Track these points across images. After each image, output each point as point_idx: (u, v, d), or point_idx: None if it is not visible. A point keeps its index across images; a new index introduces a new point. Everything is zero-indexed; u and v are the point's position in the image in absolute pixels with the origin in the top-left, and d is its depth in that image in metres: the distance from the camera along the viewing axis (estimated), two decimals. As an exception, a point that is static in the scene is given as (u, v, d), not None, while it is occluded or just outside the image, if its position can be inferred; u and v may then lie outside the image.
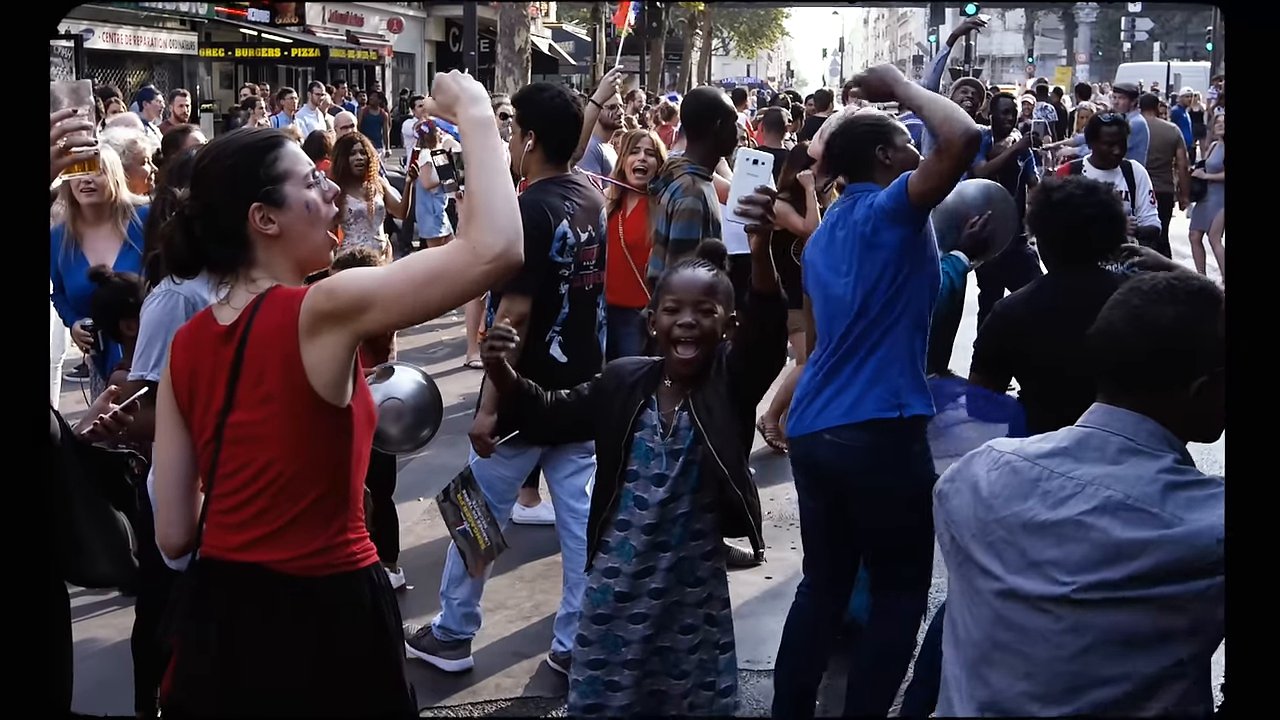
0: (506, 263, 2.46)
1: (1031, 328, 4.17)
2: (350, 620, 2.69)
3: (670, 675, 3.50)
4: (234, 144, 2.70)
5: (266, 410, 2.56)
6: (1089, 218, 4.21)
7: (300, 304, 2.54)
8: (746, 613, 5.66)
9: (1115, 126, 7.92)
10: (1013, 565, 2.26)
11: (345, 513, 2.69)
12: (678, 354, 3.37)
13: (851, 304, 3.98)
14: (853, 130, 4.25)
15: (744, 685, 4.96)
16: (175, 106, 13.81)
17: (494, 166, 2.51)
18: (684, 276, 3.42)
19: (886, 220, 3.90)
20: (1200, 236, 13.89)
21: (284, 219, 2.65)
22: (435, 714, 4.77)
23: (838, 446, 3.99)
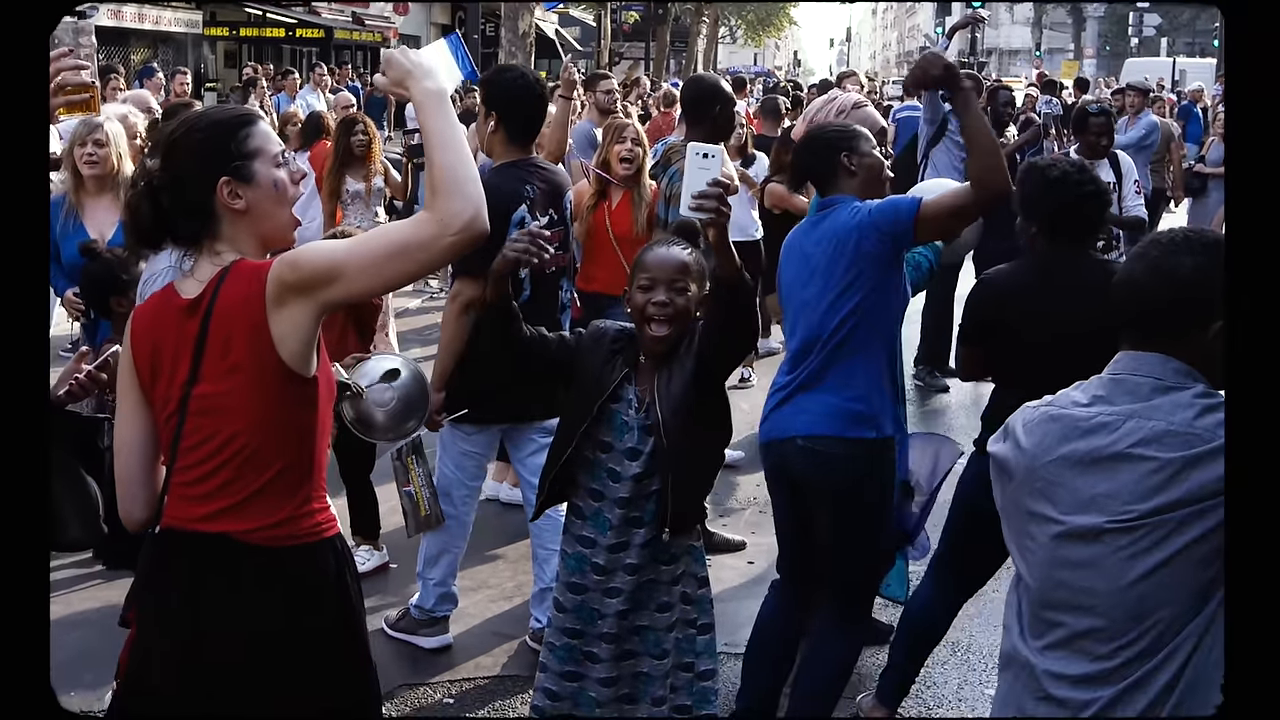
0: (472, 233, 2.51)
1: (1019, 300, 4.16)
2: (315, 590, 2.72)
3: (650, 655, 3.51)
4: (206, 118, 2.73)
5: (233, 381, 2.58)
6: (1083, 196, 4.23)
7: (266, 275, 2.57)
8: (728, 597, 5.69)
9: (1103, 117, 7.91)
10: (1065, 505, 2.41)
11: (309, 483, 2.72)
12: (651, 331, 3.39)
13: (826, 317, 3.96)
14: (815, 142, 4.20)
15: (722, 669, 4.97)
16: (175, 84, 13.83)
17: (454, 139, 2.55)
18: (658, 255, 3.44)
19: (878, 235, 3.86)
20: (1198, 233, 13.88)
21: (251, 195, 2.67)
22: (414, 691, 4.81)
23: (809, 453, 3.99)
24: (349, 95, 13.66)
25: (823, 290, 3.96)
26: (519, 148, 4.93)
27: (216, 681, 2.64)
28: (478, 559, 6.03)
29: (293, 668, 2.69)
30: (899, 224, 3.83)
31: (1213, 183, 13.64)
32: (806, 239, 4.08)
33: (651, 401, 3.41)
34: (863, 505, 4.01)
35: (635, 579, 3.49)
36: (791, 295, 4.13)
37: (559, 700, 3.53)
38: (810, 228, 4.09)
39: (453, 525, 5.09)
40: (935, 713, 4.66)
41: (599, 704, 3.50)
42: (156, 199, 2.67)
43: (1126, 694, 2.36)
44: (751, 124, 10.75)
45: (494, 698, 4.76)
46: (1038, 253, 4.24)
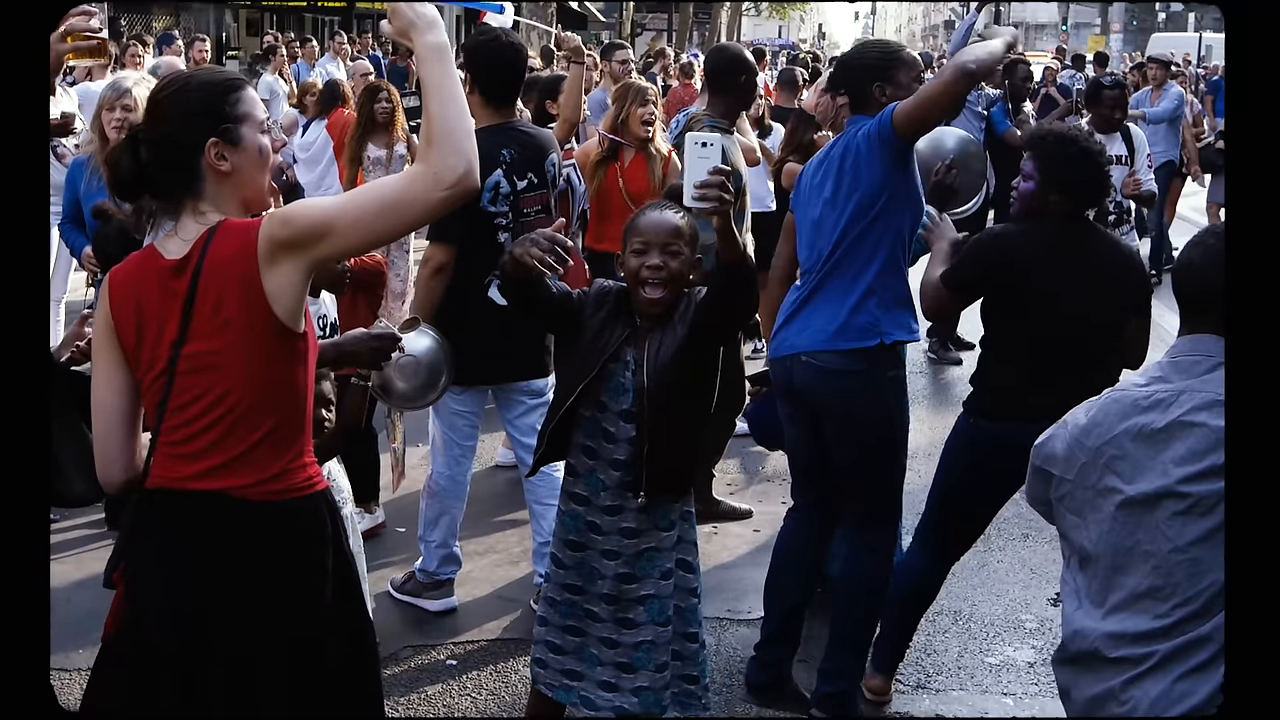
0: (464, 188, 2.55)
1: (1031, 258, 4.11)
2: (314, 541, 2.77)
3: (655, 623, 3.51)
4: (198, 78, 2.76)
5: (226, 339, 2.61)
6: (1106, 170, 4.30)
7: (256, 233, 2.60)
8: (732, 564, 5.74)
9: (1116, 90, 7.84)
10: (1128, 475, 2.63)
11: (300, 439, 2.76)
12: (645, 294, 3.41)
13: (832, 228, 4.06)
14: (854, 64, 4.33)
15: (724, 634, 5.04)
16: (195, 52, 13.82)
17: (452, 92, 2.58)
18: (652, 219, 3.46)
19: (870, 143, 3.99)
20: (1218, 210, 13.80)
21: (237, 158, 2.71)
22: (418, 652, 4.86)
23: (814, 369, 4.06)
24: (367, 64, 13.66)
25: (828, 205, 4.08)
26: (497, 111, 4.97)
27: (219, 635, 2.67)
28: (485, 524, 6.09)
29: (294, 619, 2.73)
30: (883, 125, 3.97)
31: (1232, 158, 13.57)
32: (825, 158, 4.20)
33: (640, 366, 3.43)
34: (871, 417, 4.06)
35: (635, 543, 3.51)
36: (803, 216, 4.24)
37: (563, 654, 3.55)
38: (829, 149, 4.22)
39: (449, 486, 5.14)
40: (934, 680, 4.68)
41: (600, 662, 3.52)
42: (137, 152, 2.70)
43: (1181, 651, 2.55)
44: (769, 95, 10.75)
45: (497, 660, 4.81)
46: (1057, 222, 4.19)
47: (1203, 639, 2.54)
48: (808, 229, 4.20)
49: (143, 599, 2.72)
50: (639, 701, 3.49)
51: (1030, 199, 4.22)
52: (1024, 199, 4.25)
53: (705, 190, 3.14)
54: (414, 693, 4.56)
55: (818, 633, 4.54)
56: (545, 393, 5.13)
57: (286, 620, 2.74)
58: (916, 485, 4.34)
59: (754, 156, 7.13)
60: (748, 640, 4.98)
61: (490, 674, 4.70)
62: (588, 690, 3.53)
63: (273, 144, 2.84)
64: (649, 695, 3.49)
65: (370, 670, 2.98)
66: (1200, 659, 2.54)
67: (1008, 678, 4.71)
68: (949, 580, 5.50)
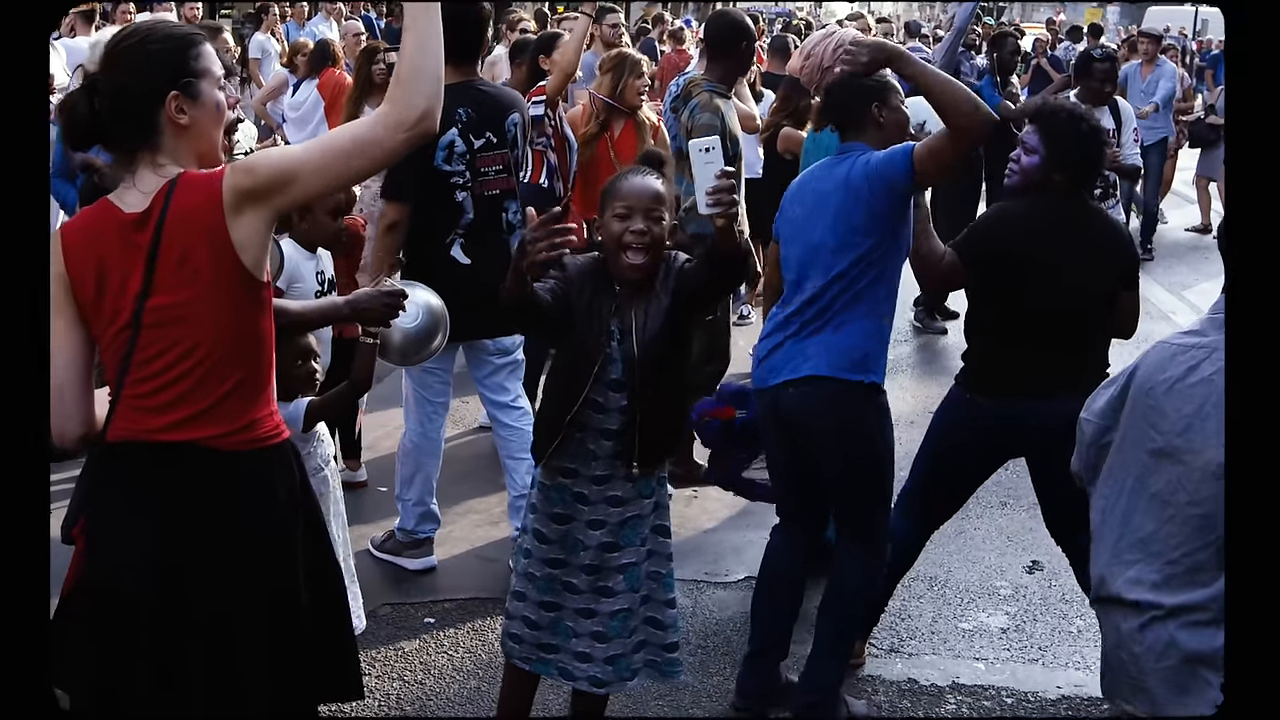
0: (424, 129, 2.62)
1: (1037, 235, 4.10)
2: (286, 487, 2.81)
3: (633, 590, 3.54)
4: (159, 31, 2.75)
5: (193, 290, 2.62)
6: (1104, 149, 4.31)
7: (220, 184, 2.61)
8: (711, 528, 5.79)
9: (1107, 63, 7.82)
10: (1159, 425, 2.80)
11: (267, 389, 2.79)
12: (628, 259, 3.39)
13: (832, 262, 3.97)
14: (850, 88, 4.16)
15: (701, 596, 5.09)
16: (186, 10, 13.76)
17: (430, 33, 2.63)
18: (634, 184, 3.44)
19: (880, 185, 3.89)
20: (1207, 184, 13.83)
21: (195, 113, 2.71)
22: (397, 610, 4.90)
23: (803, 398, 4.01)
24: (359, 24, 13.60)
25: (832, 235, 3.97)
26: (457, 69, 4.94)
27: (200, 586, 2.70)
28: (465, 484, 6.12)
29: (273, 566, 2.78)
30: (900, 170, 3.87)
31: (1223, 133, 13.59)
32: (822, 181, 4.08)
33: (628, 332, 3.42)
34: (857, 446, 4.04)
35: (621, 511, 3.52)
36: (796, 234, 4.13)
37: (538, 629, 3.56)
38: (826, 170, 4.10)
39: (423, 443, 5.18)
40: (907, 645, 4.72)
41: (574, 634, 3.53)
42: (93, 102, 2.70)
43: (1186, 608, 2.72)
44: (760, 62, 10.72)
45: (475, 618, 4.85)
46: (1058, 198, 4.18)
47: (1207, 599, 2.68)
48: (800, 254, 4.09)
49: (113, 553, 2.72)
50: (613, 670, 3.52)
51: (1033, 173, 4.18)
52: (1026, 173, 4.20)
53: (718, 195, 3.16)
54: (391, 649, 4.59)
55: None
56: (513, 350, 5.17)
57: (266, 568, 2.78)
58: (899, 452, 4.35)
59: (752, 124, 7.13)
60: (725, 602, 5.04)
61: (467, 632, 4.74)
62: (564, 661, 3.55)
63: (229, 99, 2.85)
64: (622, 663, 3.53)
65: (341, 614, 3.05)
66: (1203, 617, 2.68)
67: (980, 643, 4.75)
68: (926, 546, 5.55)
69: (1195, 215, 14.12)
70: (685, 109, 5.86)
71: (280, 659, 2.79)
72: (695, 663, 4.52)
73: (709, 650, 4.64)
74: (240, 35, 15.85)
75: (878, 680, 4.44)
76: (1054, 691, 4.43)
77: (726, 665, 4.51)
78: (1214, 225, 13.79)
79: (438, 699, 4.29)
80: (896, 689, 4.41)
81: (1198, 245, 13.36)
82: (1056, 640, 4.78)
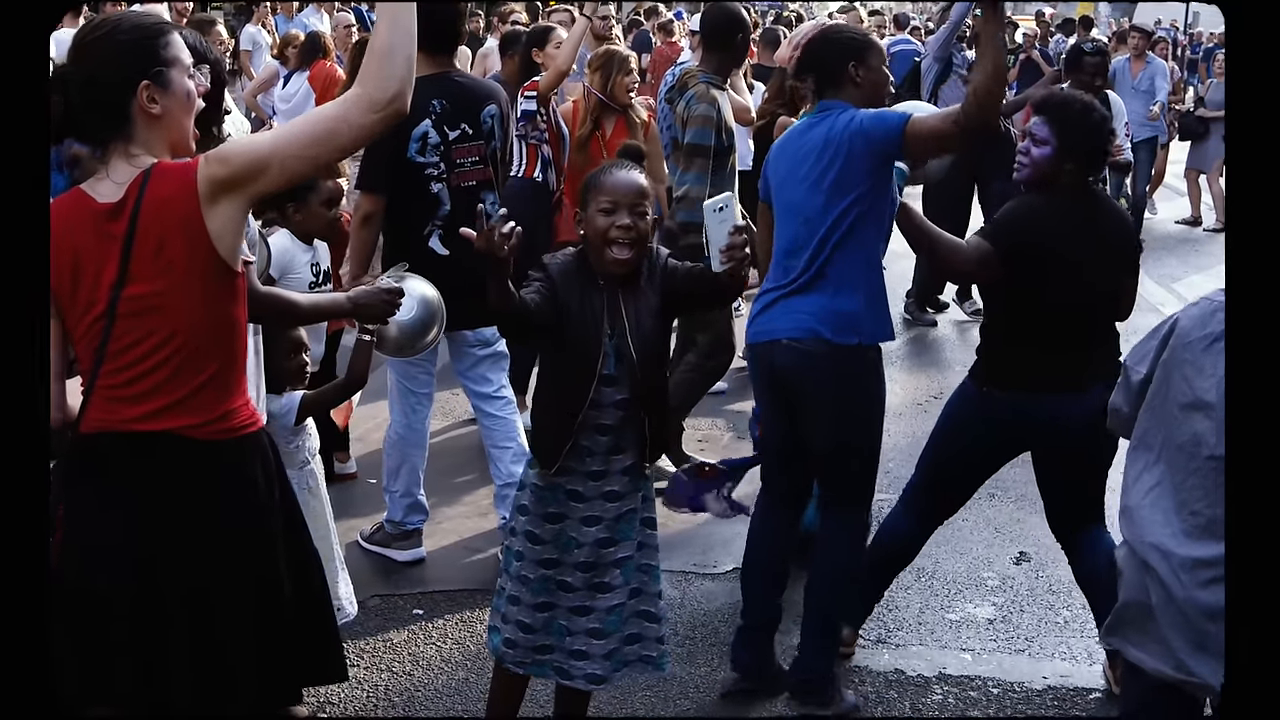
0: (396, 110, 2.64)
1: (1060, 230, 4.10)
2: (263, 475, 2.83)
3: (628, 585, 3.53)
4: (128, 21, 2.76)
5: (170, 280, 2.63)
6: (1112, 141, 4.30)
7: (195, 174, 2.62)
8: (699, 520, 5.76)
9: (1098, 57, 7.82)
10: (1195, 381, 2.83)
11: (242, 379, 2.81)
12: (613, 254, 3.37)
13: (821, 220, 3.99)
14: (829, 44, 4.21)
15: (689, 587, 5.10)
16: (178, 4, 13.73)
17: (403, 17, 2.66)
18: (619, 179, 3.42)
19: (867, 144, 3.91)
20: (1197, 176, 13.86)
21: (167, 102, 2.73)
22: (385, 601, 4.91)
23: (796, 353, 4.03)
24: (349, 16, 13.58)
25: (815, 193, 3.99)
26: (432, 60, 4.99)
27: (178, 577, 2.71)
28: (454, 477, 6.14)
29: (254, 555, 2.79)
30: (889, 137, 3.88)
31: (1213, 125, 13.61)
32: (801, 141, 4.09)
33: (621, 330, 3.40)
34: (850, 406, 4.06)
35: (617, 506, 3.50)
36: (781, 195, 4.16)
37: (533, 632, 3.51)
38: (805, 130, 4.11)
39: (408, 434, 5.19)
40: (894, 636, 4.74)
41: (569, 633, 3.51)
42: (65, 94, 2.70)
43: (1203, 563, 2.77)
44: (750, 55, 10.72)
45: (463, 609, 4.86)
46: (1072, 192, 4.17)
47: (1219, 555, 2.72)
48: (790, 219, 4.12)
49: (87, 546, 2.72)
50: (610, 664, 3.51)
51: (1044, 164, 4.16)
52: (1038, 164, 4.17)
53: (732, 253, 3.23)
54: (379, 641, 4.60)
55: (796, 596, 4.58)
56: (494, 342, 5.17)
57: (247, 556, 2.79)
58: (887, 445, 4.37)
59: (747, 116, 7.14)
60: (713, 594, 5.05)
61: (456, 623, 4.75)
62: (559, 661, 3.52)
63: (199, 88, 2.86)
64: (616, 657, 3.52)
65: (322, 597, 3.08)
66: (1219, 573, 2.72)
67: (967, 633, 4.77)
68: (914, 537, 5.60)
69: (1185, 208, 14.16)
70: (681, 100, 5.88)
71: (266, 645, 2.81)
72: (683, 653, 4.53)
73: (696, 641, 4.65)
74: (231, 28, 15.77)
75: (864, 671, 4.46)
76: (1040, 682, 4.44)
77: (714, 656, 4.52)
78: (1204, 218, 13.83)
79: (426, 690, 4.30)
80: (883, 680, 4.42)
81: (1188, 237, 13.40)
82: (1043, 631, 4.80)
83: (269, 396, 3.80)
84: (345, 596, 4.16)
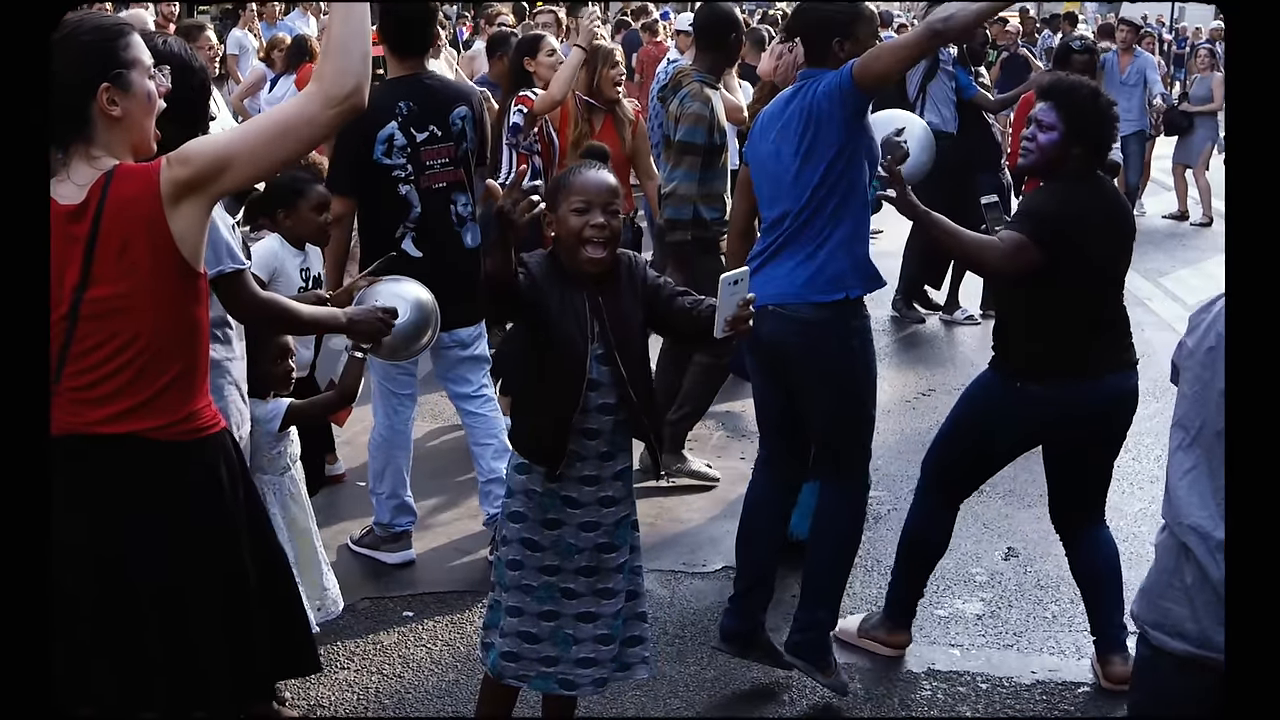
0: (353, 104, 2.65)
1: (1089, 220, 4.12)
2: (226, 474, 2.85)
3: (627, 589, 3.52)
4: (88, 23, 2.75)
5: (133, 282, 2.64)
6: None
7: (157, 175, 2.63)
8: (689, 518, 5.81)
9: (1086, 55, 7.81)
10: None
11: (204, 380, 2.84)
12: (588, 254, 3.36)
13: (800, 185, 4.06)
14: (812, 15, 4.26)
15: (679, 586, 5.12)
16: (163, 8, 13.71)
17: (356, 13, 2.66)
18: (590, 178, 3.40)
19: (831, 98, 3.99)
20: (1183, 170, 13.90)
21: (127, 104, 2.73)
22: (375, 604, 4.92)
23: (783, 319, 4.07)
24: (336, 20, 13.56)
25: (791, 159, 4.07)
26: (402, 63, 5.04)
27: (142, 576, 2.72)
28: (445, 479, 6.15)
29: (214, 552, 2.81)
30: (844, 86, 3.97)
31: (1197, 120, 13.66)
32: (784, 112, 4.16)
33: (604, 333, 3.38)
34: (837, 367, 4.09)
35: (614, 512, 3.48)
36: (763, 166, 4.22)
37: (538, 643, 3.45)
38: (786, 101, 4.18)
39: (390, 436, 5.21)
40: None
41: (576, 640, 3.45)
42: None
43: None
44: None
45: (454, 611, 4.86)
46: (1091, 180, 4.20)
47: None
48: (769, 184, 4.21)
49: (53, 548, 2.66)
50: (614, 667, 3.50)
51: (1052, 150, 4.15)
52: (1045, 150, 4.16)
53: (736, 325, 3.25)
54: (370, 643, 4.61)
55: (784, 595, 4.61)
56: (470, 343, 5.20)
57: (214, 555, 2.81)
58: (877, 443, 4.38)
59: (739, 115, 7.16)
60: (703, 592, 5.06)
61: (446, 625, 4.76)
62: (565, 672, 3.46)
63: (159, 89, 2.86)
64: (620, 659, 3.51)
65: (290, 591, 3.11)
66: None
67: (955, 629, 4.79)
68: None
69: (1172, 202, 14.19)
70: (675, 98, 5.91)
71: (236, 643, 2.83)
72: (673, 652, 4.55)
73: (686, 640, 4.66)
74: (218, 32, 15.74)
75: (853, 668, 4.46)
76: (1029, 677, 4.46)
77: (704, 654, 4.53)
78: (1191, 212, 13.87)
79: (417, 692, 4.31)
80: (872, 675, 4.44)
81: (1175, 232, 13.43)
82: (1031, 626, 4.82)
83: (253, 401, 3.81)
84: (331, 594, 4.14)
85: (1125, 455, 5.59)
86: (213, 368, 3.53)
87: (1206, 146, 13.70)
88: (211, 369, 3.52)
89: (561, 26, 9.81)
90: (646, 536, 5.51)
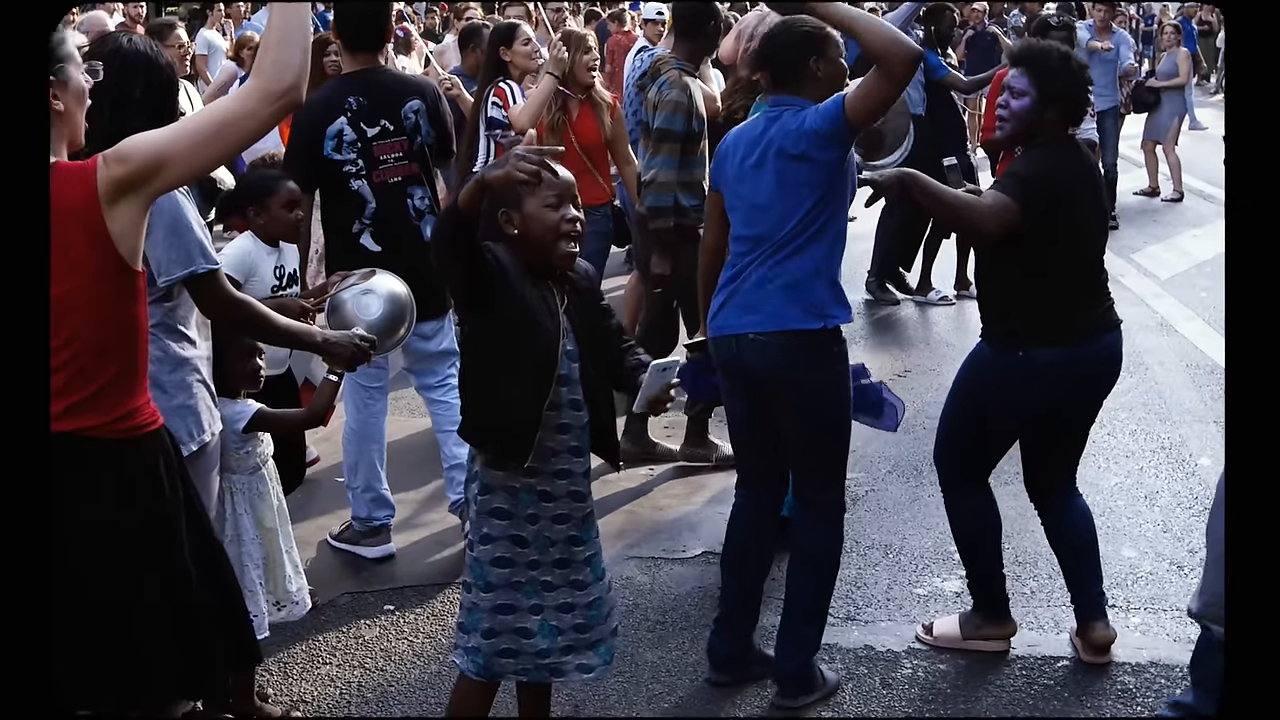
0: (291, 100, 2.64)
1: (1080, 183, 4.15)
2: (166, 471, 2.85)
3: (598, 579, 3.53)
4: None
5: (74, 282, 2.63)
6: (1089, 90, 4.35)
7: (94, 174, 2.62)
8: (667, 505, 5.82)
9: (1064, 32, 7.83)
10: None
11: (143, 379, 2.83)
12: (565, 248, 3.34)
13: (778, 217, 4.01)
14: (787, 36, 4.18)
15: (659, 572, 5.13)
16: (130, 9, 13.65)
17: (295, 8, 2.65)
18: (559, 172, 3.32)
19: (820, 142, 3.93)
20: (1154, 146, 13.95)
21: (66, 98, 2.73)
22: (356, 599, 4.92)
23: (764, 347, 4.04)
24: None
25: (776, 192, 4.00)
26: (354, 58, 5.07)
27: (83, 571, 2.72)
28: (421, 472, 6.14)
29: (154, 549, 2.81)
30: (835, 124, 3.91)
31: (1164, 95, 13.74)
32: (759, 137, 4.08)
33: (573, 330, 3.39)
34: (818, 394, 4.08)
35: (582, 506, 3.50)
36: (740, 192, 4.14)
37: (532, 637, 3.44)
38: (763, 125, 4.10)
39: (361, 429, 5.23)
40: (864, 612, 4.78)
41: (559, 631, 3.46)
42: None
43: None
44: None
45: (434, 603, 4.87)
46: (1062, 144, 4.19)
47: None
48: (746, 207, 4.12)
49: None
50: (597, 655, 3.51)
51: (1025, 115, 4.15)
52: (1019, 116, 4.16)
53: (654, 406, 3.42)
54: (351, 638, 4.61)
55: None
56: (433, 336, 5.22)
57: (154, 551, 2.82)
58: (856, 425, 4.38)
59: (713, 106, 7.20)
60: (683, 578, 5.08)
61: (427, 618, 4.76)
62: (554, 661, 3.47)
63: (86, 83, 2.84)
64: (603, 648, 3.52)
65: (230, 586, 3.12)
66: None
67: (935, 608, 4.81)
68: (880, 515, 5.65)
69: (1143, 178, 14.25)
70: (653, 85, 5.92)
71: (181, 639, 2.84)
72: (654, 637, 4.56)
73: (667, 625, 4.68)
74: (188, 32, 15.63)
75: (835, 648, 4.48)
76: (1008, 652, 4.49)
77: (685, 639, 4.55)
78: (1162, 188, 13.92)
79: (399, 685, 4.32)
80: (853, 655, 4.46)
81: (1146, 208, 13.49)
82: (1010, 602, 4.84)
83: (222, 400, 3.79)
84: (296, 594, 4.11)
85: (1100, 430, 5.64)
86: (180, 365, 3.55)
87: (1174, 122, 13.78)
88: (179, 367, 3.55)
89: (532, 18, 9.80)
90: (626, 523, 5.58)
